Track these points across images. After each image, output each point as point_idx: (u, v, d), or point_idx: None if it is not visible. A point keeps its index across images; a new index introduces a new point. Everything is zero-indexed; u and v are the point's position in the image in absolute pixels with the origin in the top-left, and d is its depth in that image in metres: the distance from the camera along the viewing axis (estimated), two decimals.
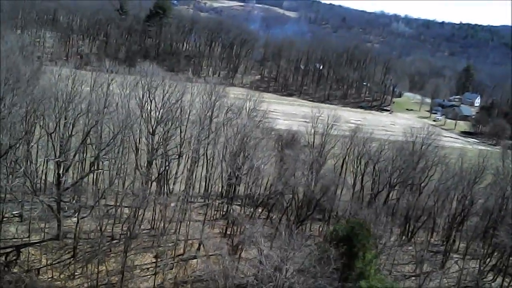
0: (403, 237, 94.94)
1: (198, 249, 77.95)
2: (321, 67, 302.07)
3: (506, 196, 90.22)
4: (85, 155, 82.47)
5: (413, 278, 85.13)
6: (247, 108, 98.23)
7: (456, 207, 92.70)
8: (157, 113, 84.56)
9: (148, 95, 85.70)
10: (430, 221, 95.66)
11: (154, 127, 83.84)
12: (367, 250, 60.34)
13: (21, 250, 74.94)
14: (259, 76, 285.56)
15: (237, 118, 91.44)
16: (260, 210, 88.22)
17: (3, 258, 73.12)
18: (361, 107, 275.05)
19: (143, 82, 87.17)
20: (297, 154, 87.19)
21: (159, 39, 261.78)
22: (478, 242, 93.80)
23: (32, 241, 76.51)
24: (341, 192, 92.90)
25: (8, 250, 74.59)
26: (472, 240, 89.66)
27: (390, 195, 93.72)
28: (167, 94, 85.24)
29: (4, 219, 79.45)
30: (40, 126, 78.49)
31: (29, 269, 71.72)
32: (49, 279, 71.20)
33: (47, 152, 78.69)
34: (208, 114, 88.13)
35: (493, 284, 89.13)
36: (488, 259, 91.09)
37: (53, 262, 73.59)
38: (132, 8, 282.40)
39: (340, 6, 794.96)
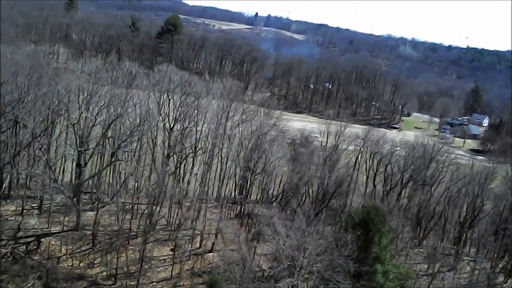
0: (414, 240, 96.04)
1: (216, 237, 79.15)
2: (330, 86, 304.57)
3: None
4: (104, 148, 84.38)
5: (425, 277, 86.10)
6: (262, 111, 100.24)
7: (467, 209, 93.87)
8: (175, 111, 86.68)
9: (166, 93, 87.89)
10: (441, 223, 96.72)
11: (172, 125, 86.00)
12: (382, 235, 61.51)
13: (41, 240, 76.75)
14: (269, 93, 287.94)
15: (252, 119, 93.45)
16: (275, 205, 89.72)
17: (24, 247, 74.94)
18: (370, 125, 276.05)
19: (161, 81, 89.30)
20: (311, 152, 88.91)
21: (170, 56, 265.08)
22: (489, 244, 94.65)
23: (52, 232, 78.39)
24: (353, 192, 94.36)
25: (29, 239, 76.53)
26: (483, 240, 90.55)
27: (402, 193, 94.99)
28: (184, 94, 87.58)
29: (24, 211, 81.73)
30: (63, 117, 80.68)
31: (49, 257, 73.43)
32: (69, 266, 72.77)
33: (69, 142, 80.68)
34: (224, 113, 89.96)
35: (504, 285, 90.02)
36: (500, 261, 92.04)
37: (73, 252, 75.26)
38: (144, 25, 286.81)
39: (347, 29, 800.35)
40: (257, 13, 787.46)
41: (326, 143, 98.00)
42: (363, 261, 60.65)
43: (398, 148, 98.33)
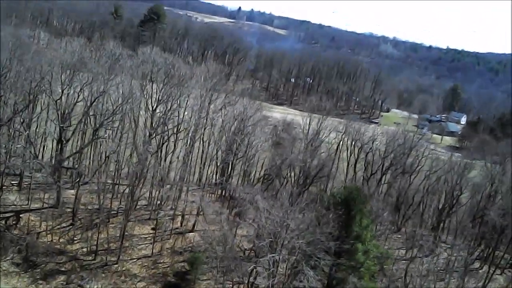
0: (393, 227, 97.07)
1: (197, 215, 79.22)
2: (311, 81, 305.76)
3: (494, 183, 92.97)
4: (86, 126, 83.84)
5: (403, 261, 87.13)
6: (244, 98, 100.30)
7: (446, 197, 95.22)
8: (158, 93, 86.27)
9: (150, 74, 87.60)
10: (420, 211, 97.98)
11: (154, 106, 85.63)
12: (363, 215, 62.13)
13: (20, 216, 76.11)
14: (251, 85, 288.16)
15: (236, 103, 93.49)
16: (257, 187, 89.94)
17: (3, 222, 74.25)
18: (349, 119, 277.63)
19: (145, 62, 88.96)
20: (293, 138, 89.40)
21: (153, 44, 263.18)
22: (466, 232, 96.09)
23: (31, 208, 77.77)
24: (334, 177, 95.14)
25: (8, 215, 75.79)
26: (461, 227, 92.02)
27: (382, 179, 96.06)
28: (168, 76, 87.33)
29: (3, 187, 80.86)
30: (46, 94, 79.94)
31: (28, 233, 72.87)
32: (49, 242, 72.33)
33: (52, 118, 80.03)
34: (207, 96, 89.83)
35: (480, 271, 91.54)
36: (476, 248, 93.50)
37: (53, 228, 74.76)
38: (127, 12, 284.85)
39: (329, 26, 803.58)
40: (240, 7, 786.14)
41: (308, 129, 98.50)
42: (344, 239, 61.22)
43: (379, 137, 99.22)
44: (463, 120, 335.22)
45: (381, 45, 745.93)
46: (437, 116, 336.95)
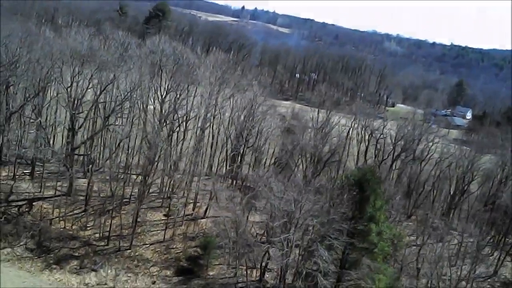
0: (404, 215, 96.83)
1: (210, 199, 79.13)
2: (316, 77, 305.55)
3: (505, 169, 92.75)
4: (97, 114, 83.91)
5: (414, 247, 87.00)
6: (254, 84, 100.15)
7: (457, 183, 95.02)
8: (168, 81, 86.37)
9: (159, 62, 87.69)
10: (431, 197, 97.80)
11: (164, 95, 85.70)
12: (377, 196, 61.96)
13: (33, 203, 76.29)
14: (256, 81, 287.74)
15: (245, 91, 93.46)
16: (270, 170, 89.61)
17: (16, 209, 74.47)
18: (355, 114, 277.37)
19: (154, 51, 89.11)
20: (303, 125, 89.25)
21: (160, 34, 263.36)
22: (477, 218, 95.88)
23: (44, 196, 77.98)
24: (345, 162, 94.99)
25: (21, 203, 76.06)
26: (472, 213, 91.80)
27: (393, 165, 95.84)
28: (177, 64, 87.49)
29: (16, 176, 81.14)
30: (56, 81, 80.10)
31: (41, 219, 73.05)
32: (62, 228, 72.58)
33: (63, 105, 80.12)
34: (217, 84, 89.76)
35: (490, 258, 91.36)
36: (487, 234, 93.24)
37: (65, 215, 74.93)
38: (132, 10, 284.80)
39: (333, 24, 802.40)
40: (243, 6, 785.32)
41: (318, 117, 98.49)
42: (358, 220, 61.03)
43: (389, 123, 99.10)
44: (469, 115, 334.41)
45: (385, 42, 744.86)
46: (443, 110, 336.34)
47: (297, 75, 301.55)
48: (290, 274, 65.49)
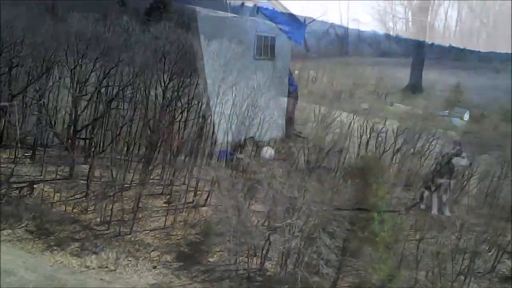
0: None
1: (212, 184, 79.01)
2: (315, 73, 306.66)
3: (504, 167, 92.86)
4: (99, 99, 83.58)
5: (413, 241, 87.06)
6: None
7: (457, 177, 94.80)
8: (171, 67, 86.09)
9: (163, 49, 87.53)
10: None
11: (167, 82, 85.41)
12: (380, 186, 62.24)
13: (34, 186, 76.23)
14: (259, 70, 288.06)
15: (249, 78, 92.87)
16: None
17: (17, 192, 74.38)
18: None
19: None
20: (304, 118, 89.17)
21: (163, 20, 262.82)
22: (475, 214, 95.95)
23: (45, 179, 77.83)
24: (347, 153, 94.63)
25: (22, 185, 75.94)
26: (471, 207, 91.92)
27: (394, 158, 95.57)
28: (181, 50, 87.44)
29: (16, 159, 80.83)
30: (61, 63, 79.86)
31: (42, 202, 73.13)
32: (62, 212, 72.66)
33: (67, 86, 79.95)
34: (220, 72, 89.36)
35: (489, 254, 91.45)
36: (485, 230, 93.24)
37: (66, 199, 75.01)
38: (132, 1, 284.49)
39: (332, 23, 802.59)
40: (243, 3, 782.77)
41: (319, 110, 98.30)
42: (360, 209, 61.28)
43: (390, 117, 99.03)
44: (466, 116, 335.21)
45: (383, 43, 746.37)
46: (440, 111, 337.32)
47: (296, 72, 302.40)
48: (291, 262, 65.60)
